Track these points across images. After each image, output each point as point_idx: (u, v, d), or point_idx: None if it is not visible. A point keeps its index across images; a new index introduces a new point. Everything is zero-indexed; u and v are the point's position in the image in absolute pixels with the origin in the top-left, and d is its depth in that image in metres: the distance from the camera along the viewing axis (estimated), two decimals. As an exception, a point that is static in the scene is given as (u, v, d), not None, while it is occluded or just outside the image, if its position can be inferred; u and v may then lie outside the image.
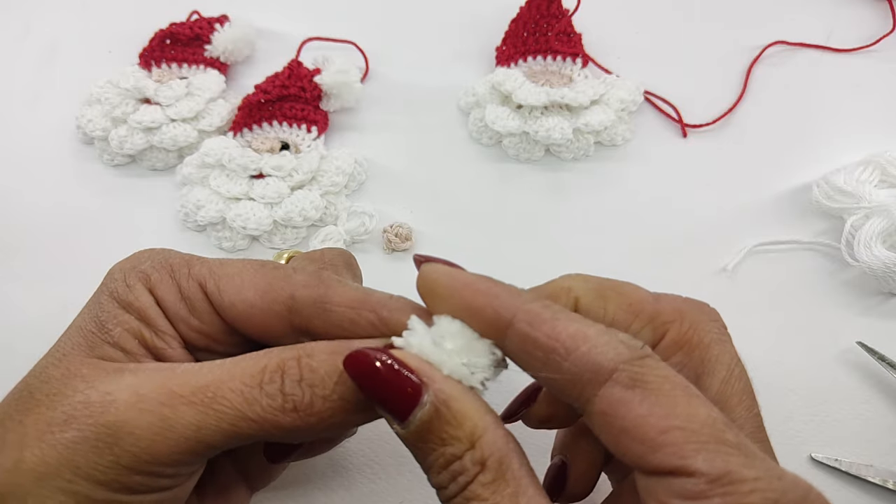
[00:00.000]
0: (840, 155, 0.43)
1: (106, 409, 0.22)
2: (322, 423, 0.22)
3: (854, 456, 0.34)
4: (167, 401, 0.22)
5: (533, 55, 0.48)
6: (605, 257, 0.41)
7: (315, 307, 0.25)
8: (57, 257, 0.42)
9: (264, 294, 0.25)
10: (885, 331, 0.37)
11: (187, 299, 0.26)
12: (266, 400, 0.22)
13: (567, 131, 0.43)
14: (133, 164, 0.46)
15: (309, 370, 0.22)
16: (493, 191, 0.44)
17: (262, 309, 0.25)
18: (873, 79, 0.49)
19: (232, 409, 0.22)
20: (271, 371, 0.22)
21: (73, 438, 0.21)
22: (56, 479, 0.21)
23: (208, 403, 0.22)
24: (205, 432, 0.22)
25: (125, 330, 0.25)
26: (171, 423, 0.21)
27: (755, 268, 0.40)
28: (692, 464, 0.18)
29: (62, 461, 0.21)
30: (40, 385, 0.23)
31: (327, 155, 0.44)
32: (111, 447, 0.21)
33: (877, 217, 0.38)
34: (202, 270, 0.26)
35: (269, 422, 0.22)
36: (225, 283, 0.26)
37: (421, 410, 0.21)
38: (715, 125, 0.47)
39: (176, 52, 0.49)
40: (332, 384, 0.22)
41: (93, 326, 0.25)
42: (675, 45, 0.51)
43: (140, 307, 0.25)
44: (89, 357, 0.24)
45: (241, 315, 0.26)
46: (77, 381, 0.23)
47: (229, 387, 0.22)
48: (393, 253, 0.41)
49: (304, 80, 0.46)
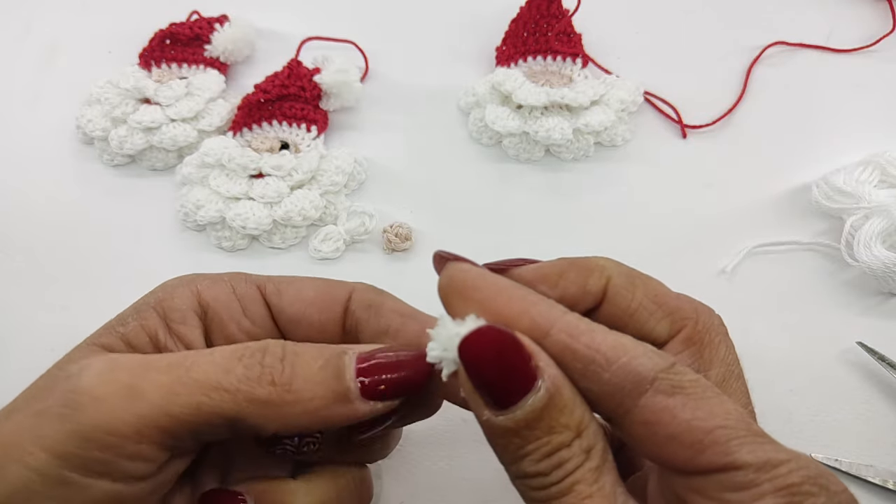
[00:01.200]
0: (840, 155, 0.43)
1: (77, 377, 0.21)
2: (300, 406, 0.22)
3: (854, 456, 0.34)
4: (139, 370, 0.21)
5: (533, 55, 0.48)
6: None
7: (369, 309, 0.27)
8: (57, 257, 0.42)
9: (324, 293, 0.27)
10: (885, 331, 0.37)
11: (241, 299, 0.26)
12: (242, 369, 0.21)
13: (567, 131, 0.43)
14: (133, 164, 0.46)
15: (293, 353, 0.22)
16: (493, 191, 0.44)
17: (320, 308, 0.27)
18: (873, 79, 0.49)
19: (205, 377, 0.21)
20: (253, 349, 0.22)
21: (42, 408, 0.21)
22: (17, 449, 0.20)
23: (182, 373, 0.21)
24: (174, 403, 0.21)
25: (140, 325, 0.25)
26: (139, 390, 0.21)
27: (755, 268, 0.40)
28: (739, 458, 0.19)
29: (29, 429, 0.21)
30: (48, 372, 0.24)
31: (327, 154, 0.44)
32: (74, 413, 0.21)
33: (876, 217, 0.38)
34: (261, 278, 0.28)
35: (244, 393, 0.21)
36: (285, 286, 0.27)
37: (534, 396, 0.20)
38: (715, 125, 0.47)
39: (176, 52, 0.49)
40: (316, 368, 0.22)
41: (115, 320, 0.25)
42: (675, 45, 0.51)
43: (169, 306, 0.25)
44: (91, 344, 0.24)
45: (298, 314, 0.27)
46: (71, 363, 0.23)
47: (207, 360, 0.22)
48: (393, 253, 0.41)
49: (304, 79, 0.46)
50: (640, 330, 0.24)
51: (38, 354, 0.27)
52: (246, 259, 0.42)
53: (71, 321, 0.29)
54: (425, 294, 0.39)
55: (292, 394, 0.22)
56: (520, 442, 0.21)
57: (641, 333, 0.23)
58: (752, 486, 0.19)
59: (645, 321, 0.25)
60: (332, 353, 0.23)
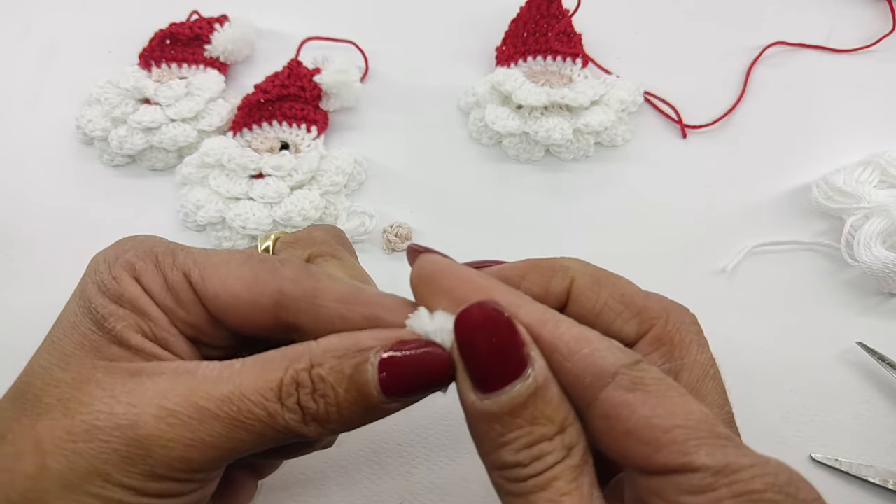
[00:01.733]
0: (840, 155, 0.43)
1: (134, 424, 0.22)
2: (340, 428, 0.23)
3: (854, 456, 0.34)
4: (195, 415, 0.22)
5: (533, 55, 0.48)
6: (605, 257, 0.41)
7: (304, 302, 0.25)
8: (57, 257, 0.42)
9: (251, 287, 0.25)
10: (885, 331, 0.37)
11: (173, 289, 0.25)
12: (288, 414, 0.22)
13: (567, 132, 0.43)
14: (133, 164, 0.46)
15: (319, 380, 0.22)
16: (493, 191, 0.44)
17: (247, 302, 0.25)
18: (873, 79, 0.49)
19: (258, 423, 0.22)
20: (287, 385, 0.22)
21: (101, 449, 0.21)
22: (87, 485, 0.21)
23: (235, 417, 0.22)
24: (236, 443, 0.22)
25: (125, 326, 0.24)
26: (201, 436, 0.22)
27: (755, 268, 0.40)
28: (696, 459, 0.19)
29: (91, 470, 0.21)
30: (47, 388, 0.23)
31: (327, 155, 0.44)
32: (144, 458, 0.21)
33: (876, 217, 0.38)
34: (186, 260, 0.26)
35: (294, 431, 0.22)
36: (209, 274, 0.25)
37: (522, 383, 0.21)
38: (715, 125, 0.47)
39: (176, 52, 0.49)
40: (343, 392, 0.22)
41: (91, 324, 0.24)
42: (675, 45, 0.51)
43: (131, 298, 0.24)
44: (99, 359, 0.23)
45: (226, 307, 0.25)
46: (92, 387, 0.22)
47: (252, 401, 0.22)
48: (393, 253, 0.41)
49: (304, 79, 0.46)
50: (606, 330, 0.24)
51: (39, 354, 0.27)
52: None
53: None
54: (425, 294, 0.40)
55: (331, 423, 0.23)
56: (501, 429, 0.21)
57: (609, 334, 0.23)
58: (709, 489, 0.19)
59: (612, 321, 0.25)
60: (354, 367, 0.22)
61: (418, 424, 0.35)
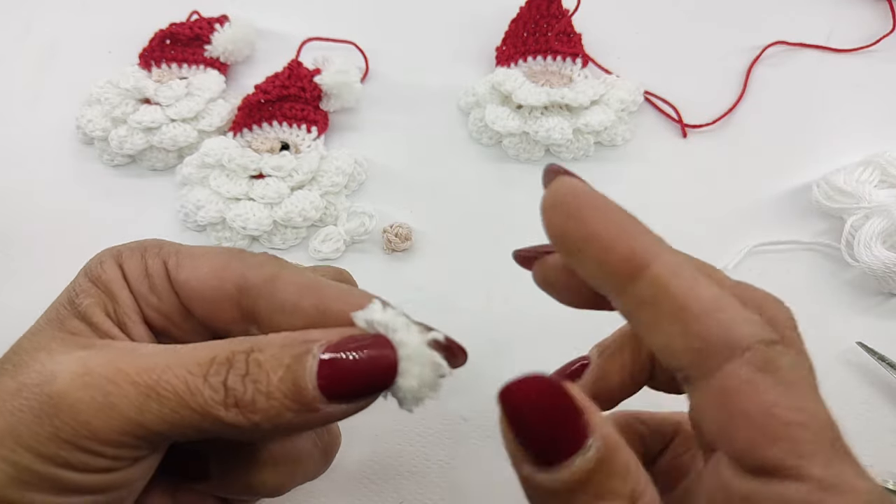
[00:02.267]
0: (840, 155, 0.43)
1: (52, 379, 0.21)
2: (267, 422, 0.21)
3: (854, 456, 0.34)
4: (112, 377, 0.21)
5: (533, 55, 0.48)
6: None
7: (263, 287, 0.24)
8: (57, 257, 0.42)
9: (218, 271, 0.25)
10: (885, 331, 0.37)
11: (150, 276, 0.25)
12: (208, 392, 0.21)
13: (567, 131, 0.43)
14: (133, 164, 0.46)
15: (255, 365, 0.21)
16: (493, 191, 0.44)
17: (212, 286, 0.25)
18: (873, 79, 0.49)
19: (174, 396, 0.21)
20: (219, 363, 0.22)
21: (19, 407, 0.21)
22: (1, 447, 0.21)
23: (152, 386, 0.21)
24: (146, 416, 0.21)
25: (92, 302, 0.24)
26: (113, 400, 0.21)
27: (755, 268, 0.40)
28: (808, 467, 0.17)
29: (7, 429, 0.21)
30: (11, 356, 0.23)
31: (327, 155, 0.44)
32: (51, 418, 0.21)
33: (877, 217, 0.38)
34: (170, 250, 0.26)
35: (211, 415, 0.21)
36: (185, 261, 0.26)
37: (583, 456, 0.18)
38: (715, 125, 0.47)
39: (176, 52, 0.49)
40: (276, 380, 0.21)
41: (65, 301, 0.25)
42: (675, 45, 0.51)
43: (106, 280, 0.25)
44: (59, 331, 0.24)
45: (194, 292, 0.25)
46: (42, 353, 0.23)
47: (175, 373, 0.21)
48: (393, 253, 0.41)
49: (304, 80, 0.46)
50: None
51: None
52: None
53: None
54: (425, 293, 0.40)
55: (257, 413, 0.21)
56: None
57: None
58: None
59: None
60: (294, 357, 0.21)
61: (418, 424, 0.35)
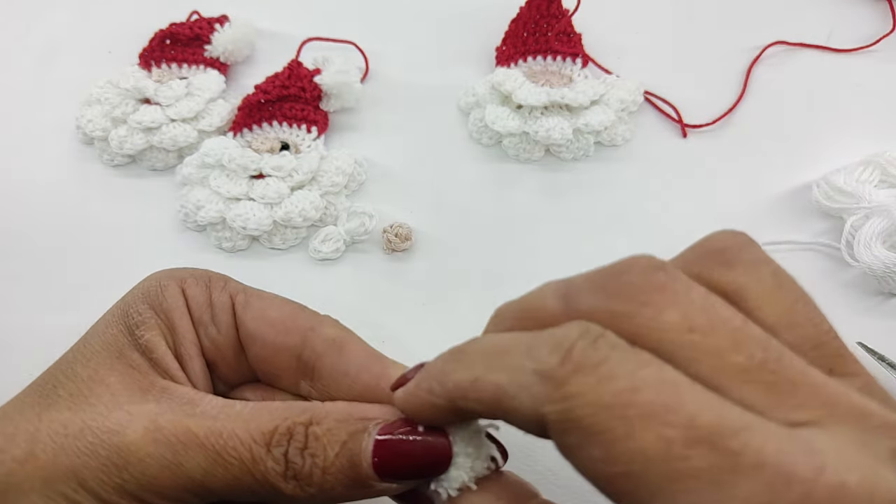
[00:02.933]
0: (840, 155, 0.43)
1: (122, 431, 0.22)
2: (322, 494, 0.22)
3: (854, 456, 0.33)
4: (181, 437, 0.22)
5: (533, 55, 0.48)
6: (605, 257, 0.41)
7: (331, 346, 0.26)
8: (57, 258, 0.42)
9: (287, 320, 0.26)
10: (885, 331, 0.37)
11: (213, 306, 0.26)
12: (271, 463, 0.22)
13: (567, 131, 0.43)
14: (133, 164, 0.46)
15: (314, 438, 0.22)
16: (493, 191, 0.44)
17: (278, 332, 0.26)
18: (873, 79, 0.49)
19: (239, 463, 0.22)
20: (280, 433, 0.22)
21: (85, 450, 0.22)
22: (62, 485, 0.21)
23: (219, 451, 0.22)
24: (210, 479, 0.22)
25: (155, 335, 0.25)
26: (181, 460, 0.22)
27: (755, 268, 0.40)
28: None
29: (71, 469, 0.21)
30: (65, 381, 0.24)
31: (327, 155, 0.44)
32: (120, 470, 0.21)
33: (877, 217, 0.38)
34: (238, 286, 0.27)
35: (270, 484, 0.22)
36: (254, 300, 0.27)
37: None
38: (715, 125, 0.47)
39: (176, 52, 0.49)
40: (332, 456, 0.22)
41: (122, 327, 0.25)
42: (675, 45, 0.51)
43: (167, 308, 0.25)
44: (119, 363, 0.24)
45: (257, 330, 0.26)
46: (102, 388, 0.23)
47: (241, 439, 0.22)
48: (393, 253, 0.41)
49: (304, 80, 0.46)
50: None
51: (39, 355, 0.27)
52: (246, 260, 0.42)
53: (71, 322, 0.29)
54: (425, 293, 0.40)
55: (312, 486, 0.22)
56: None
57: None
58: None
59: None
60: (351, 434, 0.22)
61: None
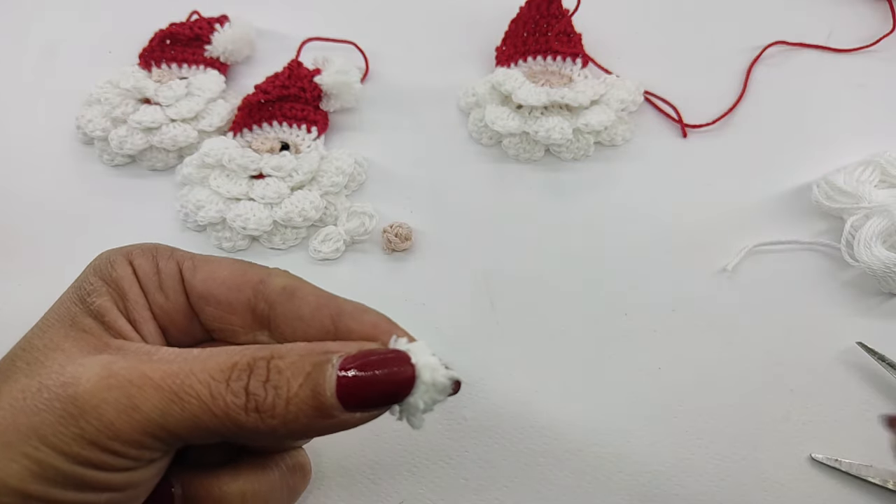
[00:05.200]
0: (840, 155, 0.43)
1: (77, 381, 0.22)
2: (284, 427, 0.22)
3: (854, 456, 0.34)
4: (136, 381, 0.22)
5: (533, 55, 0.48)
6: (605, 257, 0.41)
7: (283, 293, 0.26)
8: (57, 258, 0.42)
9: (237, 276, 0.27)
10: (885, 331, 0.37)
11: (160, 273, 0.27)
12: (230, 397, 0.22)
13: (567, 131, 0.43)
14: (133, 164, 0.46)
15: (276, 371, 0.23)
16: (493, 191, 0.44)
17: (229, 287, 0.27)
18: (873, 79, 0.49)
19: (197, 401, 0.22)
20: (240, 368, 0.23)
21: (41, 407, 0.22)
22: (23, 444, 0.21)
23: (175, 391, 0.22)
24: (169, 419, 0.22)
25: (105, 301, 0.25)
26: (137, 402, 0.22)
27: (755, 268, 0.40)
28: None
29: (30, 428, 0.21)
30: (22, 353, 0.24)
31: (327, 155, 0.44)
32: (76, 419, 0.21)
33: (877, 217, 0.38)
34: (184, 254, 0.27)
35: (231, 419, 0.22)
36: (202, 264, 0.27)
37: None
38: (715, 125, 0.47)
39: (176, 52, 0.49)
40: (296, 387, 0.22)
41: (75, 299, 0.25)
42: (675, 45, 0.51)
43: (117, 277, 0.26)
44: (72, 329, 0.24)
45: (209, 294, 0.27)
46: (58, 353, 0.23)
47: (198, 377, 0.22)
48: (393, 253, 0.41)
49: (304, 80, 0.46)
50: None
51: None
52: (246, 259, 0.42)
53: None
54: (425, 293, 0.40)
55: (276, 418, 0.22)
56: None
57: None
58: None
59: None
60: (314, 365, 0.23)
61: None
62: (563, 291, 0.40)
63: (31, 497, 0.21)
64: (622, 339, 0.38)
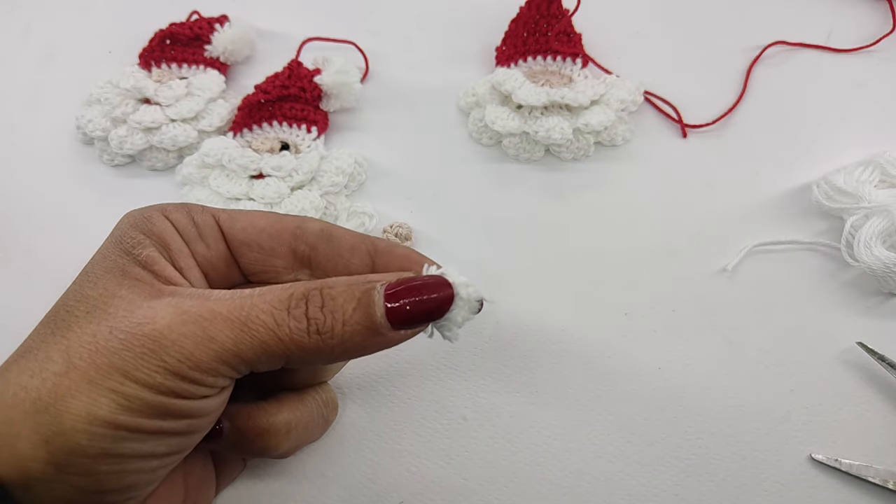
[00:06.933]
0: (840, 155, 0.43)
1: (152, 320, 0.24)
2: (342, 346, 0.25)
3: (854, 456, 0.34)
4: (207, 315, 0.24)
5: (533, 55, 0.48)
6: (605, 257, 0.41)
7: (321, 235, 0.29)
8: (57, 258, 0.42)
9: (275, 222, 0.30)
10: (885, 331, 0.37)
11: (198, 225, 0.29)
12: (293, 322, 0.25)
13: (567, 131, 0.43)
14: (133, 164, 0.46)
15: (330, 298, 0.25)
16: (493, 191, 0.44)
17: (269, 234, 0.29)
18: (873, 79, 0.49)
19: (264, 328, 0.24)
20: (297, 298, 0.25)
21: (120, 346, 0.23)
22: (107, 380, 0.23)
23: (244, 321, 0.24)
24: (241, 346, 0.24)
25: (152, 251, 0.27)
26: (212, 334, 0.24)
27: (755, 268, 0.40)
28: None
29: (111, 366, 0.23)
30: (78, 304, 0.25)
31: (327, 155, 0.44)
32: (157, 354, 0.23)
33: (877, 217, 0.38)
34: (217, 209, 0.30)
35: (296, 342, 0.25)
36: (238, 215, 0.30)
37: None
38: (715, 125, 0.47)
39: (176, 52, 0.49)
40: (350, 310, 0.25)
41: (119, 251, 0.27)
42: (675, 45, 0.51)
43: (158, 231, 0.28)
44: (125, 279, 0.26)
45: (249, 238, 0.29)
46: (116, 300, 0.25)
47: (262, 309, 0.25)
48: (393, 253, 0.41)
49: (304, 80, 0.46)
50: None
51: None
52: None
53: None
54: (425, 294, 0.40)
55: (335, 339, 0.25)
56: None
57: None
58: None
59: None
60: (363, 292, 0.25)
61: (418, 424, 0.35)
62: (563, 291, 0.40)
63: (121, 426, 0.23)
64: (622, 339, 0.38)
